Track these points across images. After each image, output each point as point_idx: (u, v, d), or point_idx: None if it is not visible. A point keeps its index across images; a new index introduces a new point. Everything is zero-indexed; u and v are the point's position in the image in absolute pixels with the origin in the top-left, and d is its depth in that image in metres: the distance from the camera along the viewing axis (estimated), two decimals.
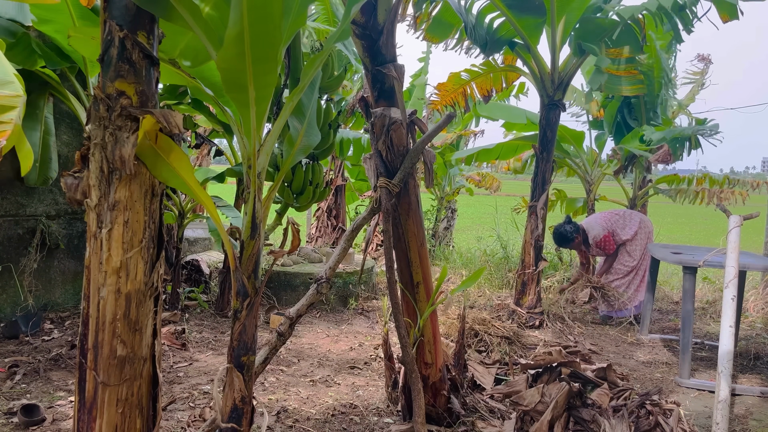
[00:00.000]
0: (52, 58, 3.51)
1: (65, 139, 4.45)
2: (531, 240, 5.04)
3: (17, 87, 2.63)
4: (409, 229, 2.75)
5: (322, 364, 3.89)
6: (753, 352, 4.45)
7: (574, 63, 4.89)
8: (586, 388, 2.82)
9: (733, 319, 2.76)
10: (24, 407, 2.71)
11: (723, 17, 4.04)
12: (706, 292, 6.61)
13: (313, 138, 2.33)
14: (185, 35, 1.92)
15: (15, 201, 4.17)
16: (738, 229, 2.78)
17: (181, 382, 3.36)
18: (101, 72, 1.48)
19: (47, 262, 4.38)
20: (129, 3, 1.46)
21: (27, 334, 3.87)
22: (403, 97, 2.65)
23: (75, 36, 1.70)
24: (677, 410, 2.67)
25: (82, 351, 1.53)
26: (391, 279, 2.64)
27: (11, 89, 2.59)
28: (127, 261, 1.49)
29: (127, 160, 1.45)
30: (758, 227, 7.48)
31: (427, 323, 2.80)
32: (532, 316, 4.96)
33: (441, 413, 2.89)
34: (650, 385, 3.70)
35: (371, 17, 2.51)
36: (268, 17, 1.46)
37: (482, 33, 4.84)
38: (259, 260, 1.90)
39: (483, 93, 5.71)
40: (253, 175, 1.82)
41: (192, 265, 5.69)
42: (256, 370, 2.05)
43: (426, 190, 10.21)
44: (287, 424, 2.86)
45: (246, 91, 1.65)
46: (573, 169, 7.01)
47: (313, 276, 5.28)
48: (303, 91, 1.98)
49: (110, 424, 1.52)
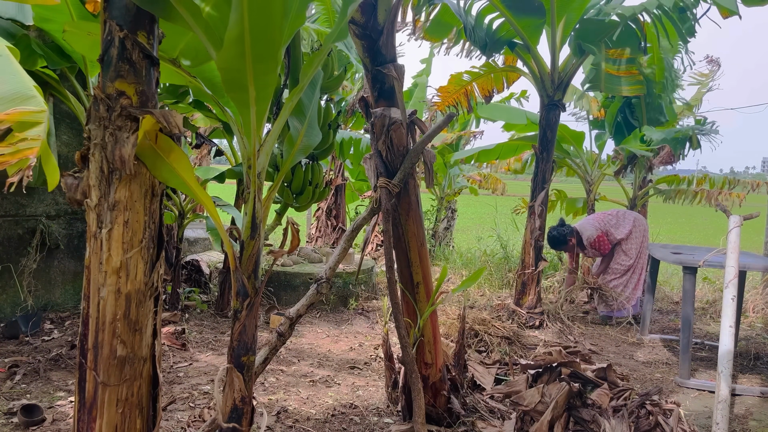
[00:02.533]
0: (52, 58, 3.51)
1: (65, 139, 4.45)
2: (531, 240, 5.04)
3: (40, 101, 2.58)
4: (409, 229, 2.75)
5: (322, 364, 3.89)
6: (753, 352, 4.45)
7: (574, 63, 4.89)
8: (586, 388, 2.82)
9: (733, 319, 2.76)
10: (24, 407, 2.71)
11: (723, 14, 4.03)
12: (706, 292, 6.61)
13: (313, 138, 2.33)
14: (185, 35, 1.92)
15: (15, 201, 4.17)
16: (738, 229, 2.78)
17: (181, 382, 3.36)
18: (101, 72, 1.48)
19: (47, 262, 4.38)
20: (129, 3, 1.46)
21: (27, 334, 3.87)
22: (403, 97, 2.65)
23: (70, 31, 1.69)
24: (677, 410, 2.67)
25: (82, 351, 1.53)
26: (391, 279, 2.64)
27: (35, 104, 2.53)
28: (127, 261, 1.49)
29: (127, 160, 1.45)
30: (758, 227, 7.48)
31: (427, 323, 2.80)
32: (532, 316, 4.96)
33: (441, 413, 2.88)
34: (650, 385, 3.70)
35: (371, 17, 2.51)
36: (269, 17, 1.46)
37: (482, 34, 4.84)
38: (259, 260, 1.90)
39: (484, 94, 5.72)
40: (253, 175, 1.82)
41: (192, 265, 5.69)
42: (256, 370, 2.05)
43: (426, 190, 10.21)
44: (287, 424, 2.86)
45: (246, 91, 1.65)
46: (573, 169, 7.01)
47: (313, 276, 5.28)
48: (303, 90, 1.98)
49: (110, 425, 1.51)
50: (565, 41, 4.82)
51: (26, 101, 2.53)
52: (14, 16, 3.31)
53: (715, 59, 7.38)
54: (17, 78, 2.62)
